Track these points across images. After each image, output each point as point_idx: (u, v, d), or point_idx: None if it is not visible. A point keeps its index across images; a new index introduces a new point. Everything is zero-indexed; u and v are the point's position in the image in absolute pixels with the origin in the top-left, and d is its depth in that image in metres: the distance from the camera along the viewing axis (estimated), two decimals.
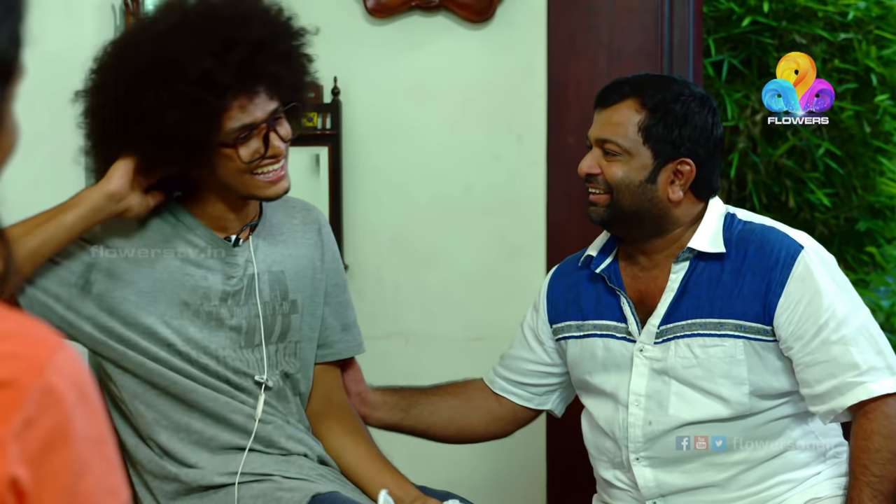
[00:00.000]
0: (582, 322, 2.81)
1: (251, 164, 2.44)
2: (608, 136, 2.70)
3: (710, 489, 2.71)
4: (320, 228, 2.73)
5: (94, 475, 1.10)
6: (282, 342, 2.61)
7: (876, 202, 5.91)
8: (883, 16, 5.78)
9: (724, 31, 5.67)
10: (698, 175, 2.70)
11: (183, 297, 2.50)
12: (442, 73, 3.78)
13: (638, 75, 2.83)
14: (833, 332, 2.62)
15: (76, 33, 3.10)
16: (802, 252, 2.66)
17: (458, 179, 3.76)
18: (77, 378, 1.10)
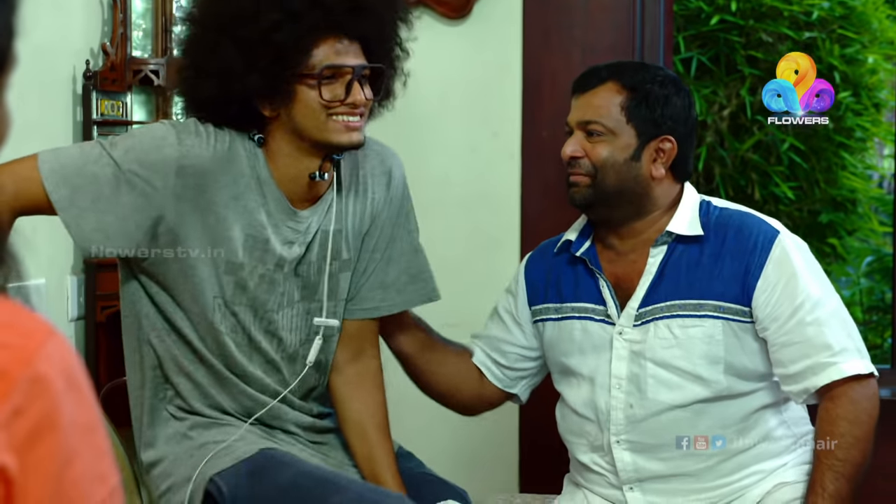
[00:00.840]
0: (560, 304, 2.80)
1: (330, 104, 2.40)
2: (592, 117, 2.69)
3: (685, 478, 2.71)
4: (390, 181, 2.67)
5: (81, 462, 1.09)
6: (332, 300, 2.58)
7: (838, 195, 5.94)
8: (846, 15, 5.81)
9: (693, 29, 5.69)
10: (678, 153, 2.70)
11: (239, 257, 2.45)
12: (420, 68, 3.75)
13: (612, 62, 2.84)
14: (808, 313, 2.63)
15: (65, 25, 3.08)
16: (779, 236, 2.67)
17: (435, 172, 3.75)
18: (66, 366, 1.09)
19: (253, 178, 2.44)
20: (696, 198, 2.75)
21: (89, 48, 3.12)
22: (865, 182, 6.17)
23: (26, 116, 2.86)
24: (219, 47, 2.36)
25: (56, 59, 3.03)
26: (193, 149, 2.39)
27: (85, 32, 3.13)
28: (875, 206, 6.25)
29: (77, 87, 3.06)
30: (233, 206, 2.42)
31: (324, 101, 2.39)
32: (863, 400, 2.62)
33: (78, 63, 3.06)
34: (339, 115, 2.41)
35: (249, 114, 2.43)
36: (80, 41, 3.11)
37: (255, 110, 2.42)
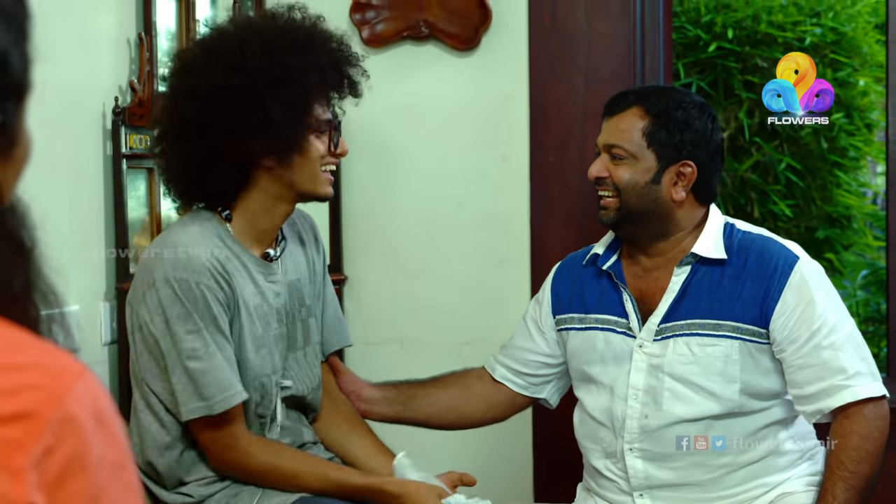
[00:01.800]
0: (584, 315, 2.80)
1: (324, 157, 2.47)
2: (615, 141, 2.70)
3: (693, 488, 2.71)
4: (316, 233, 2.74)
5: (110, 499, 1.08)
6: (308, 346, 2.61)
7: (833, 212, 5.93)
8: (837, 41, 5.81)
9: (692, 56, 5.69)
10: (699, 177, 2.70)
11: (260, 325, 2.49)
12: (432, 97, 3.78)
13: (643, 86, 2.86)
14: (824, 338, 2.62)
15: (94, 64, 3.10)
16: (798, 262, 2.67)
17: (447, 196, 3.76)
18: (96, 405, 1.09)
19: (234, 256, 2.47)
20: (721, 220, 2.75)
21: (118, 85, 3.14)
22: (859, 199, 6.16)
23: (57, 152, 2.88)
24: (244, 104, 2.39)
25: (86, 96, 3.05)
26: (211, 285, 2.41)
27: (113, 71, 3.15)
28: (869, 222, 6.24)
29: (107, 122, 3.08)
30: (238, 290, 2.46)
31: (324, 151, 2.48)
32: (875, 419, 2.62)
33: (107, 100, 3.08)
34: (327, 166, 2.50)
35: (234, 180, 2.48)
36: (109, 79, 3.13)
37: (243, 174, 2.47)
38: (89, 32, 3.07)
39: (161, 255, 2.44)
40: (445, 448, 3.47)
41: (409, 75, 3.76)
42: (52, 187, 2.84)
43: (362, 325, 3.77)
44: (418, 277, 3.80)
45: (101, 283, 3.05)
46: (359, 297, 3.79)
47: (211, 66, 2.42)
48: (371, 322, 3.76)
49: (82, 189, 3.02)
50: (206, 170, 2.45)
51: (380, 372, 3.38)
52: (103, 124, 3.08)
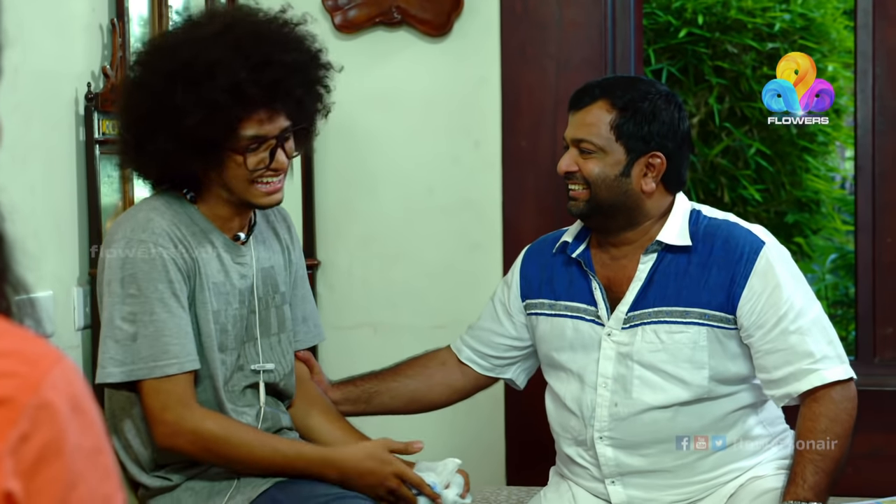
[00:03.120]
0: (554, 301, 2.80)
1: (254, 173, 2.43)
2: (583, 135, 2.70)
3: (664, 474, 2.71)
4: (290, 226, 2.73)
5: (87, 485, 1.08)
6: (283, 332, 2.61)
7: (802, 196, 5.97)
8: (806, 27, 5.83)
9: (662, 42, 5.71)
10: (668, 167, 2.70)
11: (217, 302, 2.48)
12: (404, 83, 3.78)
13: (607, 78, 2.85)
14: (791, 322, 2.64)
15: (67, 50, 3.09)
16: (764, 248, 2.67)
17: (420, 182, 3.77)
18: (73, 392, 1.08)
19: (199, 232, 2.48)
20: (687, 207, 2.75)
21: (90, 71, 3.13)
22: (828, 184, 6.20)
23: (31, 137, 2.87)
24: (157, 136, 2.38)
25: (59, 82, 3.04)
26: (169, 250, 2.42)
27: (86, 56, 3.14)
28: (838, 206, 6.27)
29: (79, 108, 3.07)
30: (200, 262, 2.46)
31: (248, 171, 2.43)
32: (843, 401, 2.64)
33: (80, 86, 3.07)
34: (264, 179, 2.45)
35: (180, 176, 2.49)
36: (82, 65, 3.12)
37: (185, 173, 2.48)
38: (62, 18, 3.06)
39: (123, 221, 2.47)
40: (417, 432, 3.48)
41: (382, 61, 3.76)
42: (25, 173, 2.83)
43: (335, 310, 3.77)
44: (391, 262, 3.80)
45: (74, 269, 3.05)
46: (331, 282, 3.80)
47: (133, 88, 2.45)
48: (344, 307, 3.77)
49: (55, 174, 3.01)
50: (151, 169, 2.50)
51: (353, 356, 3.39)
52: (76, 110, 3.07)
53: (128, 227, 2.43)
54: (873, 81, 3.68)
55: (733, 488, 2.71)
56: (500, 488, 3.45)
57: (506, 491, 3.38)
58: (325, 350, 3.61)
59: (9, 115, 2.78)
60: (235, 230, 2.54)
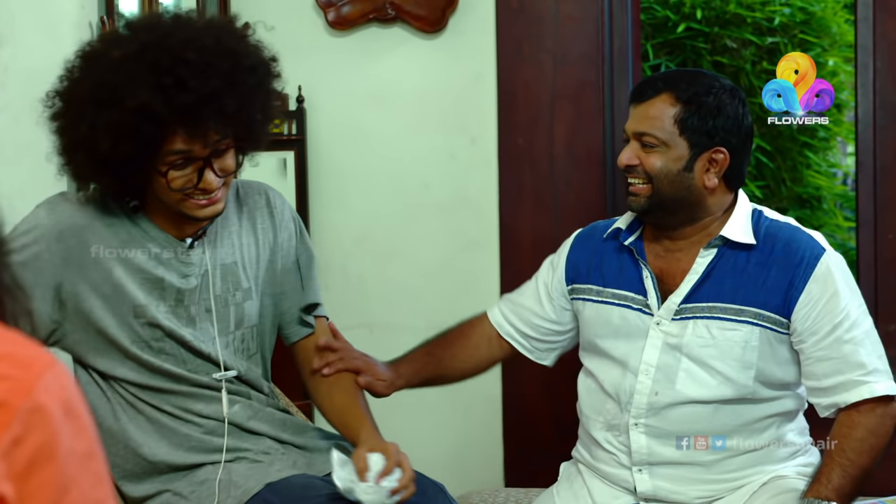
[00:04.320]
0: (602, 288, 2.80)
1: (182, 190, 2.36)
2: (646, 129, 2.68)
3: (695, 467, 2.71)
4: (273, 210, 2.65)
5: (79, 489, 1.09)
6: (239, 329, 2.59)
7: (804, 193, 5.96)
8: (806, 21, 5.83)
9: (660, 37, 5.70)
10: (731, 163, 2.68)
11: (140, 299, 2.45)
12: (399, 80, 3.78)
13: (670, 71, 2.83)
14: (846, 332, 2.64)
15: (57, 48, 3.08)
16: (825, 255, 2.67)
17: (416, 179, 3.76)
18: (65, 396, 1.09)
19: (134, 226, 2.46)
20: (749, 207, 2.74)
21: None
22: (830, 180, 6.19)
23: (20, 137, 2.86)
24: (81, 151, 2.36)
25: (48, 81, 3.02)
26: (65, 212, 2.41)
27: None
28: (839, 203, 6.27)
29: None
30: (120, 252, 2.44)
31: (173, 189, 2.36)
32: (885, 416, 2.64)
33: None
34: (194, 196, 2.38)
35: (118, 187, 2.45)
36: None
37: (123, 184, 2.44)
38: (51, 16, 3.05)
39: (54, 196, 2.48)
40: (414, 432, 3.47)
41: (376, 58, 3.75)
42: (14, 174, 2.82)
43: (330, 310, 3.75)
44: (387, 261, 3.80)
45: None
46: (327, 282, 3.78)
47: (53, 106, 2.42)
48: (340, 307, 3.76)
49: (45, 175, 2.99)
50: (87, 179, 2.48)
51: None
52: None
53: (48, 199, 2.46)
54: (874, 75, 3.68)
55: (756, 486, 2.71)
56: (498, 490, 3.44)
57: (504, 493, 3.37)
58: None
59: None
60: (187, 232, 2.49)
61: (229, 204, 2.57)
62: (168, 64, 2.28)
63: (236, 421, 2.53)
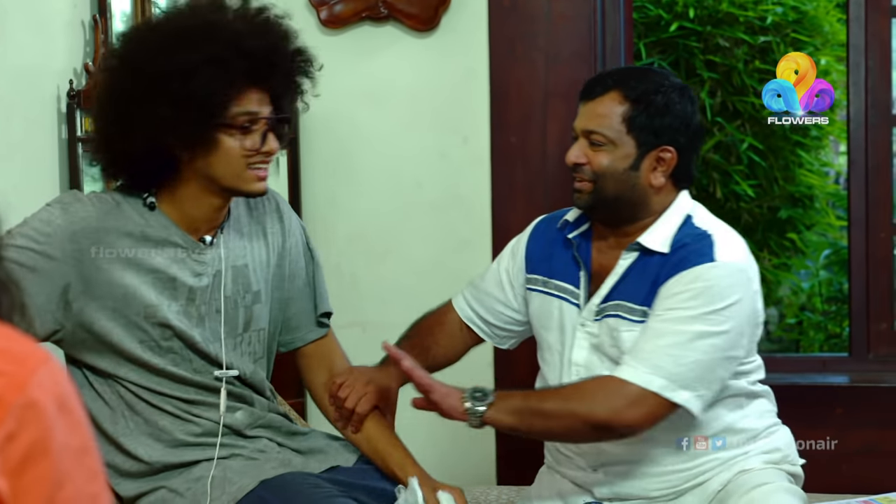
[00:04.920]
0: (548, 279, 2.79)
1: (248, 153, 2.41)
2: (594, 127, 2.67)
3: (644, 462, 2.70)
4: (282, 216, 2.69)
5: (73, 484, 1.09)
6: (247, 332, 2.59)
7: (796, 192, 5.97)
8: (799, 20, 5.84)
9: (653, 36, 5.71)
10: (679, 162, 2.67)
11: (152, 299, 2.45)
12: (392, 79, 3.78)
13: (620, 68, 2.81)
14: (661, 321, 2.57)
15: (48, 47, 3.08)
16: (706, 265, 2.59)
17: (408, 178, 3.77)
18: (59, 391, 1.09)
19: (149, 226, 2.46)
20: (684, 211, 2.70)
21: (72, 68, 3.12)
22: (822, 179, 6.20)
23: (13, 135, 2.86)
24: (148, 101, 2.36)
25: (40, 79, 3.03)
26: (79, 213, 2.41)
27: (68, 53, 3.13)
28: (831, 202, 6.28)
29: (61, 105, 3.06)
30: (133, 252, 2.44)
31: (243, 149, 2.41)
32: (615, 396, 2.55)
33: (62, 83, 3.06)
34: (255, 163, 2.43)
35: (156, 167, 2.45)
36: (64, 61, 3.11)
37: (164, 162, 2.44)
38: (43, 14, 3.05)
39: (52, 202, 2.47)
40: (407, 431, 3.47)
41: (369, 56, 3.76)
42: (6, 172, 2.82)
43: None
44: (379, 260, 3.80)
45: None
46: None
47: (113, 66, 2.43)
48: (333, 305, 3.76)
49: (37, 173, 3.00)
50: (127, 159, 2.46)
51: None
52: (58, 107, 3.06)
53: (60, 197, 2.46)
54: (866, 74, 3.69)
55: (721, 483, 2.69)
56: (490, 488, 3.45)
57: (496, 490, 3.38)
58: None
59: None
60: (202, 231, 2.51)
61: (239, 207, 2.60)
62: (257, 21, 2.42)
63: (236, 427, 2.53)
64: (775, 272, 6.02)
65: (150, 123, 2.36)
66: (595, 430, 2.57)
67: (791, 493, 2.66)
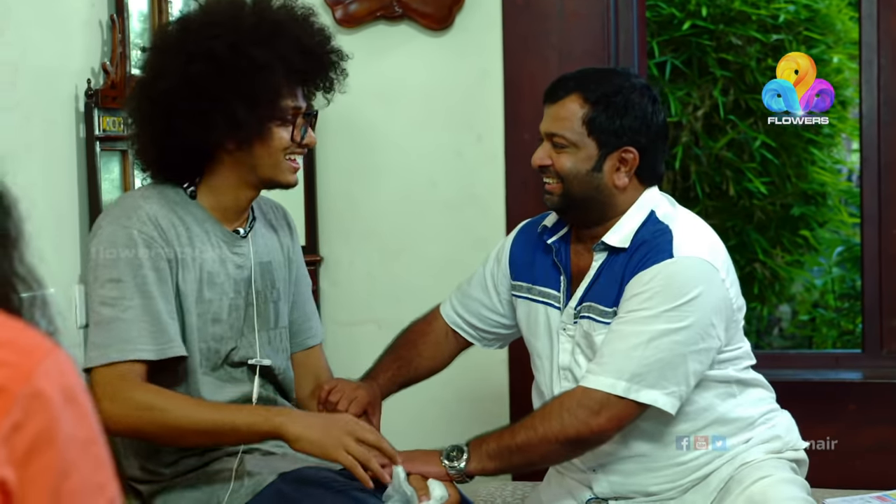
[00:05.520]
0: (532, 286, 2.81)
1: (289, 146, 2.50)
2: (556, 130, 2.70)
3: (640, 458, 2.70)
4: (290, 225, 2.78)
5: (79, 474, 1.10)
6: (275, 329, 2.63)
7: (809, 189, 5.95)
8: (811, 18, 5.82)
9: (666, 34, 5.70)
10: (642, 162, 2.68)
11: (210, 292, 2.50)
12: (406, 77, 3.79)
13: (582, 70, 2.81)
14: (624, 323, 2.59)
15: (66, 47, 3.10)
16: (666, 261, 2.59)
17: (423, 176, 3.77)
18: (65, 382, 1.10)
19: (194, 221, 2.51)
20: (648, 207, 2.70)
21: (90, 68, 3.14)
22: (834, 176, 6.18)
23: (31, 135, 2.88)
24: (208, 92, 2.42)
25: (58, 80, 3.04)
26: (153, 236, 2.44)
27: (86, 53, 3.15)
28: (844, 199, 6.26)
29: (79, 105, 3.07)
30: (190, 250, 2.49)
31: (287, 141, 2.50)
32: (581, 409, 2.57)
33: (80, 83, 3.07)
34: (293, 155, 2.53)
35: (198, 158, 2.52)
36: (82, 62, 3.12)
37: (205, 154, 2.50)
38: (61, 14, 3.07)
39: (111, 208, 2.51)
40: (421, 427, 3.48)
41: (383, 55, 3.76)
42: (25, 171, 2.83)
43: (339, 307, 3.78)
44: (395, 258, 3.81)
45: (75, 266, 3.05)
46: (335, 278, 3.80)
47: (181, 50, 2.46)
48: (347, 303, 3.78)
49: (56, 172, 3.01)
50: (171, 149, 2.50)
51: (356, 353, 3.39)
52: (76, 107, 3.08)
53: (115, 212, 2.47)
54: (878, 72, 3.68)
55: (724, 478, 2.69)
56: (505, 483, 3.46)
57: (511, 486, 3.39)
58: (330, 348, 3.61)
59: (8, 112, 2.79)
60: (235, 224, 2.56)
61: (256, 212, 2.66)
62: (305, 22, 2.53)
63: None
64: (788, 269, 6.01)
65: (225, 116, 2.42)
66: (570, 446, 2.59)
67: (792, 483, 2.66)
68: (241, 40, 2.42)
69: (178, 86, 2.43)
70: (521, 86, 3.69)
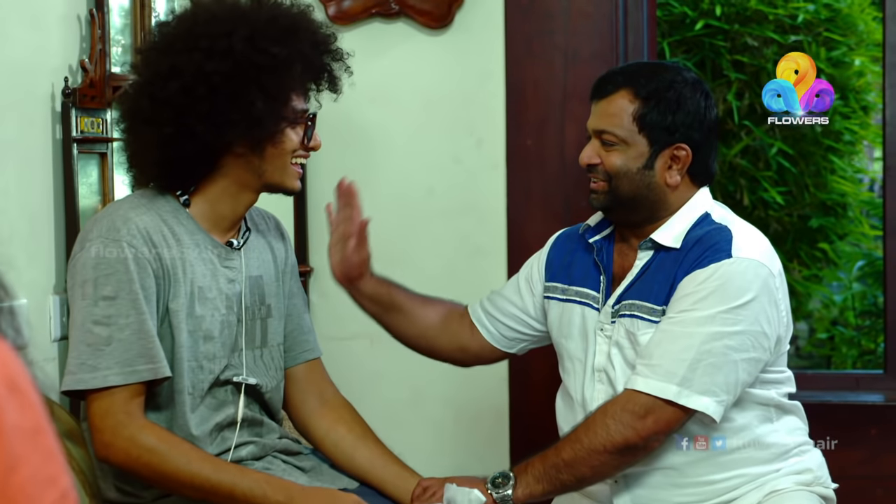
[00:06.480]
0: (567, 286, 2.83)
1: (296, 149, 2.53)
2: (605, 126, 2.71)
3: (667, 471, 2.71)
4: (283, 235, 2.80)
5: (28, 466, 1.09)
6: (264, 347, 2.63)
7: (828, 199, 5.96)
8: (832, 18, 5.83)
9: (678, 35, 5.71)
10: (695, 159, 2.70)
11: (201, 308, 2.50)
12: (403, 78, 3.79)
13: (631, 64, 2.85)
14: (674, 324, 2.60)
15: (43, 42, 3.09)
16: (724, 261, 2.61)
17: (420, 183, 3.77)
18: (7, 372, 1.10)
19: (185, 233, 2.52)
20: (702, 209, 2.73)
21: (68, 65, 3.13)
22: (855, 186, 6.19)
23: (5, 135, 2.87)
24: (226, 90, 2.44)
25: (34, 77, 3.04)
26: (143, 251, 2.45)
27: (63, 49, 3.14)
28: (865, 210, 6.26)
29: (56, 104, 3.07)
30: (181, 265, 2.49)
31: (296, 144, 2.54)
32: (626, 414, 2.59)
33: (56, 80, 3.07)
34: (299, 159, 2.56)
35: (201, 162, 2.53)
36: (59, 58, 3.12)
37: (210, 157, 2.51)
38: (37, 8, 3.06)
39: (100, 218, 2.49)
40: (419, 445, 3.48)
41: (379, 55, 3.76)
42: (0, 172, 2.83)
43: (330, 320, 3.77)
44: (389, 268, 3.79)
45: (50, 275, 3.05)
46: (325, 290, 3.79)
47: (194, 47, 2.46)
48: (339, 316, 3.76)
49: (31, 175, 3.01)
50: (176, 152, 2.49)
51: (348, 368, 3.38)
52: (52, 106, 3.07)
53: (104, 225, 2.46)
54: None
55: (752, 502, 2.70)
56: None
57: None
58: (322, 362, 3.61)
59: None
60: (227, 235, 2.57)
61: (248, 223, 2.68)
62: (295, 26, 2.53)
63: (241, 458, 2.55)
64: (806, 284, 6.01)
65: (243, 114, 2.45)
66: (619, 454, 2.60)
67: None
68: (258, 36, 2.44)
69: (194, 84, 2.44)
70: (524, 89, 3.69)
